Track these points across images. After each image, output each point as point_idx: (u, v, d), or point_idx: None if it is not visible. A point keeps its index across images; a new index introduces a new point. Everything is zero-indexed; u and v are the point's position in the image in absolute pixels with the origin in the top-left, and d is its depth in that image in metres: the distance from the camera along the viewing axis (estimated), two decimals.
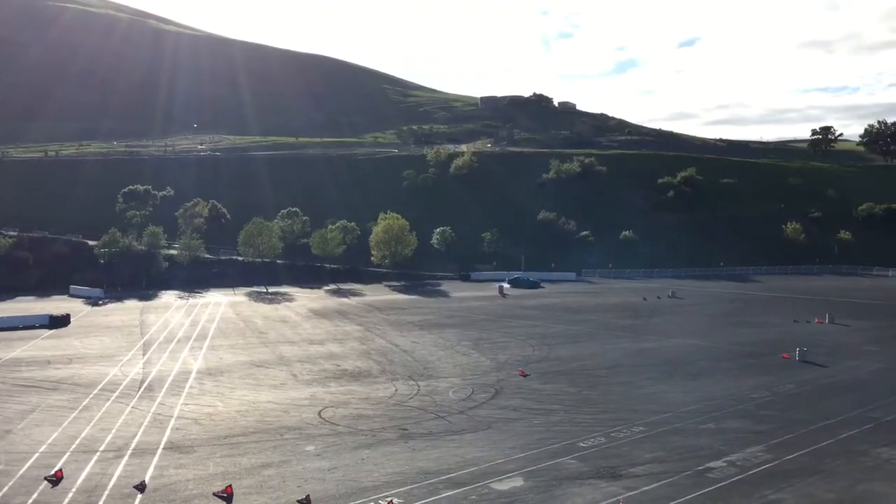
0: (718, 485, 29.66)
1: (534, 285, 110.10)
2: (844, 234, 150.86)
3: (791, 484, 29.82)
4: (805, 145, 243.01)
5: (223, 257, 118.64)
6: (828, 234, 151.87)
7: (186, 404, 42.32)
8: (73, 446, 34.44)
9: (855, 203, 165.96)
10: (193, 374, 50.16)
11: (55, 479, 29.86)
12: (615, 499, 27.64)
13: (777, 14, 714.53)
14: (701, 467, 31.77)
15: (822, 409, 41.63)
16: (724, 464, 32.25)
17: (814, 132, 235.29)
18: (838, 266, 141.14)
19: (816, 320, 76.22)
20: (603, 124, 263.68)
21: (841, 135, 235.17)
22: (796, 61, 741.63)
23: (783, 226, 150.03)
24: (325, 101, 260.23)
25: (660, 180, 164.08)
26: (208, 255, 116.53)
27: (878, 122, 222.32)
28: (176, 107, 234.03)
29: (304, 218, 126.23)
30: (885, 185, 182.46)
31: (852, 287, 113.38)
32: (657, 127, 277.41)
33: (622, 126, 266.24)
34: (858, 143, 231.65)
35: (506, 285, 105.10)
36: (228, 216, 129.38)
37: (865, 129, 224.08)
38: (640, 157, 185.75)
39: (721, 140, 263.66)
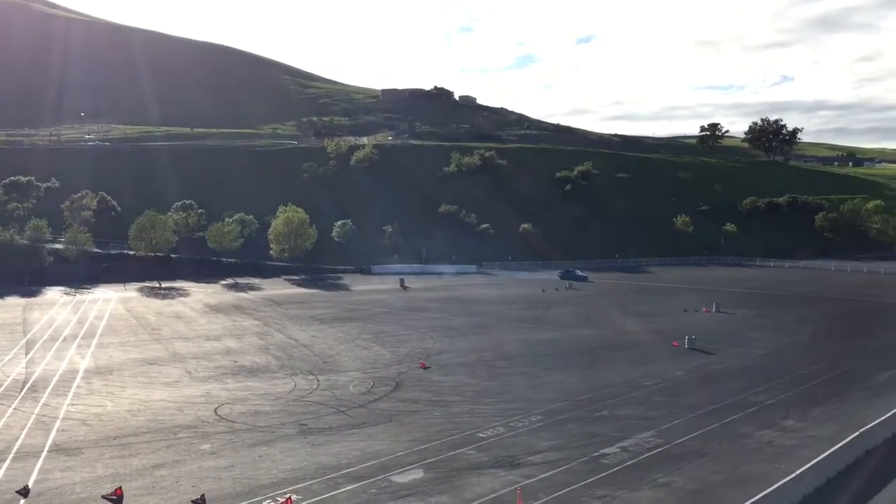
0: (612, 470, 30.53)
1: (583, 279, 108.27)
2: (730, 227, 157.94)
3: (680, 467, 30.98)
4: (694, 141, 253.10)
5: (113, 252, 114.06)
6: (715, 226, 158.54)
7: (73, 405, 40.54)
8: None
9: (740, 197, 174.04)
10: (81, 374, 48.09)
11: None
12: (513, 487, 28.06)
13: (670, 13, 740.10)
14: (596, 453, 32.63)
15: (708, 394, 43.40)
16: (618, 449, 33.22)
17: (702, 129, 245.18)
18: (724, 257, 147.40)
19: (704, 309, 79.41)
20: (503, 118, 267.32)
21: (727, 131, 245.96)
22: (688, 60, 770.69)
23: (674, 219, 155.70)
24: (223, 92, 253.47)
25: (558, 174, 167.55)
26: (97, 250, 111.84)
27: (762, 119, 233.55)
28: (68, 96, 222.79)
29: (200, 211, 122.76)
30: (767, 179, 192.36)
31: (737, 277, 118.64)
32: (556, 121, 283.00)
33: (522, 120, 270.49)
34: (743, 140, 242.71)
35: (556, 276, 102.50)
36: (119, 208, 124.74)
37: (750, 127, 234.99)
38: (539, 151, 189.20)
39: (616, 135, 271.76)
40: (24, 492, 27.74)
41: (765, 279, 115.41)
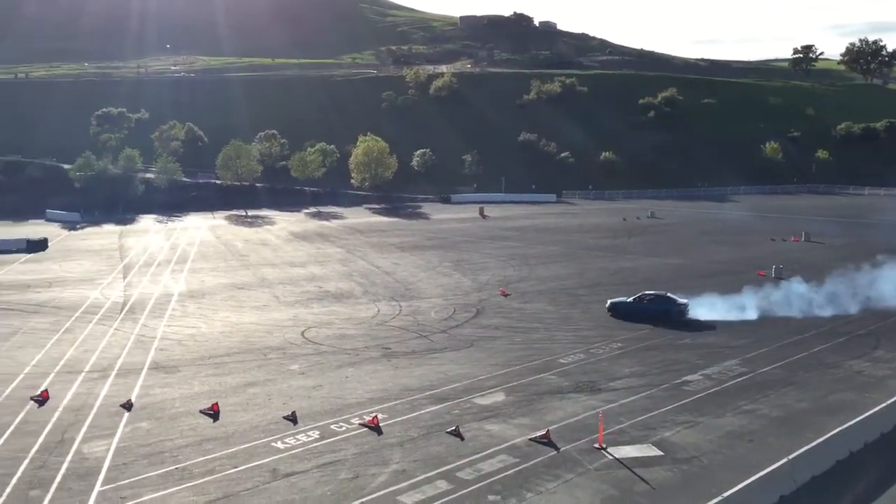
0: (694, 397, 30.40)
1: None
2: (822, 153, 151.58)
3: (765, 395, 30.64)
4: (786, 65, 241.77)
5: (201, 181, 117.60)
6: (806, 153, 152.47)
7: (169, 326, 42.52)
8: (58, 367, 34.62)
9: (834, 122, 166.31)
10: (175, 297, 50.26)
11: (41, 400, 30.09)
12: (595, 411, 28.31)
13: None
14: (678, 380, 32.51)
15: (795, 323, 42.46)
16: (701, 377, 33.02)
17: (795, 51, 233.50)
18: (816, 185, 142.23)
19: (793, 238, 77.14)
20: (584, 44, 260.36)
21: (822, 53, 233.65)
22: None
23: (762, 145, 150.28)
24: (299, 21, 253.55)
25: (640, 100, 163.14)
26: (186, 179, 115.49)
27: (860, 40, 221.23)
28: (148, 27, 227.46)
29: (283, 141, 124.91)
30: (863, 103, 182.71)
31: (829, 205, 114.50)
32: (639, 46, 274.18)
33: (603, 46, 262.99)
34: (839, 62, 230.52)
35: None
36: (205, 139, 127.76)
37: (846, 48, 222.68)
38: (621, 78, 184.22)
39: (702, 59, 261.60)
40: (128, 406, 29.44)
41: (857, 207, 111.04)
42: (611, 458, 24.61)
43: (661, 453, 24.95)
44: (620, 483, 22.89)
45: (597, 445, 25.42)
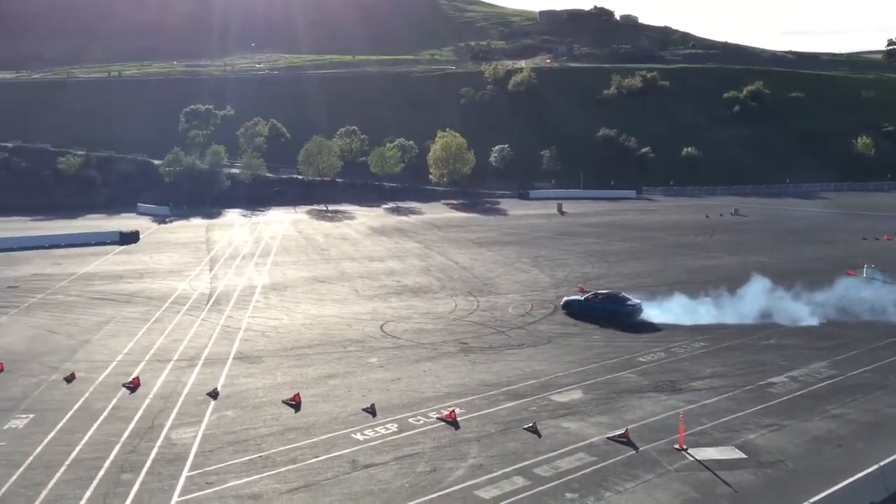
0: (780, 399, 29.61)
1: None
2: None
3: (855, 399, 29.63)
4: (880, 56, 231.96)
5: (283, 176, 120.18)
6: None
7: (253, 317, 43.67)
8: (148, 356, 36.00)
9: None
10: (259, 289, 51.57)
11: (132, 387, 31.36)
12: (675, 411, 27.85)
13: None
14: (762, 382, 31.71)
15: (887, 326, 40.85)
16: (786, 379, 32.12)
17: (890, 42, 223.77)
18: None
19: (886, 237, 74.14)
20: (666, 38, 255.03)
21: None
22: None
23: (854, 141, 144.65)
24: (378, 19, 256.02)
25: (725, 95, 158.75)
26: (269, 174, 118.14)
27: None
28: (233, 27, 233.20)
29: (362, 136, 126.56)
30: None
31: None
32: (723, 39, 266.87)
33: (686, 39, 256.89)
34: None
35: None
36: (288, 135, 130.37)
37: None
38: (705, 72, 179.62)
39: (790, 52, 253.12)
40: (214, 394, 30.40)
41: None
42: (692, 459, 24.21)
43: (744, 456, 24.41)
44: (702, 485, 22.50)
45: (677, 446, 25.03)
